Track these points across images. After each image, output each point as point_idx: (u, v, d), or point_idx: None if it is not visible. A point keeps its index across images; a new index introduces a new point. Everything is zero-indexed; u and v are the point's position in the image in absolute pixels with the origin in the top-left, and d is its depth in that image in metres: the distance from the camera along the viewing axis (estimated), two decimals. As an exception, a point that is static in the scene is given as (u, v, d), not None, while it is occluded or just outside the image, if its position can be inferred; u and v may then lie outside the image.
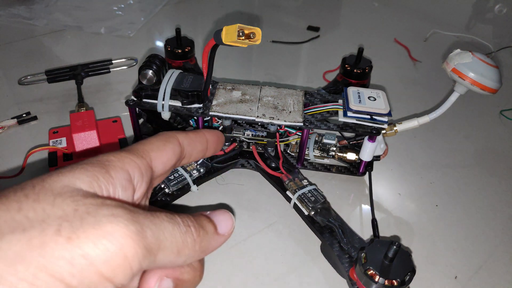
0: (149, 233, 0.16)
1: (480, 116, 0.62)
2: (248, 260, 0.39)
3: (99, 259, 0.14)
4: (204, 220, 0.19)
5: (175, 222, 0.17)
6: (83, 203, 0.15)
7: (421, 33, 0.84)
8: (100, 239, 0.14)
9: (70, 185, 0.16)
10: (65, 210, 0.15)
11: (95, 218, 0.15)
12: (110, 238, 0.14)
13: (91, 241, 0.14)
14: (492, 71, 0.40)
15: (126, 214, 0.15)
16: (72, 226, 0.14)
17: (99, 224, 0.14)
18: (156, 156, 0.21)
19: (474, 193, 0.48)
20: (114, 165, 0.18)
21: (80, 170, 0.17)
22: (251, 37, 0.34)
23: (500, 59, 0.78)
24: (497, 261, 0.41)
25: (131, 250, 0.15)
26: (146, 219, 0.16)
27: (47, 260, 0.13)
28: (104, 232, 0.14)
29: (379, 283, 0.31)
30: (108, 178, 0.17)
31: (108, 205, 0.15)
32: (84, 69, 0.60)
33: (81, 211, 0.15)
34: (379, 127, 0.43)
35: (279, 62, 0.73)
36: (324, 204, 0.41)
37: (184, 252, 0.17)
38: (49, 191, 0.15)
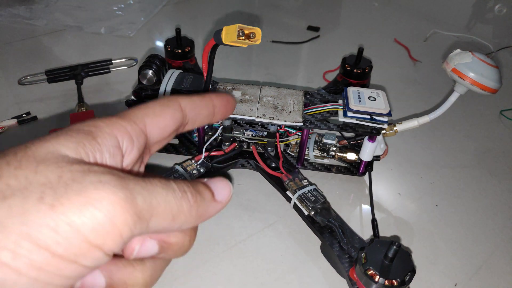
0: (140, 199, 0.15)
1: (480, 116, 0.62)
2: (248, 260, 0.39)
3: (86, 227, 0.13)
4: (201, 186, 0.18)
5: (170, 187, 0.16)
6: (68, 170, 0.14)
7: (421, 33, 0.84)
8: (86, 206, 0.13)
9: (54, 152, 0.15)
10: (49, 177, 0.14)
11: (80, 184, 0.14)
12: (97, 205, 0.14)
13: (77, 208, 0.13)
14: (492, 71, 0.40)
15: (114, 180, 0.14)
16: (56, 193, 0.13)
17: (85, 190, 0.14)
18: (151, 122, 0.20)
19: (474, 193, 0.48)
20: (101, 130, 0.17)
21: (65, 136, 0.16)
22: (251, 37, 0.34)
23: (500, 59, 0.78)
24: (497, 261, 0.41)
25: (120, 217, 0.14)
26: (136, 184, 0.15)
27: (29, 228, 0.13)
28: (91, 199, 0.14)
29: (379, 283, 0.31)
30: (94, 145, 0.16)
31: (95, 171, 0.15)
32: (84, 69, 0.60)
33: (65, 178, 0.14)
34: (379, 127, 0.43)
35: (279, 62, 0.73)
36: (324, 204, 0.41)
37: (180, 218, 0.16)
38: (31, 158, 0.15)
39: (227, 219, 0.43)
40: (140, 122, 0.19)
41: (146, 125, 0.19)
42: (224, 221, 0.43)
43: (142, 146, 0.19)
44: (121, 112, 0.19)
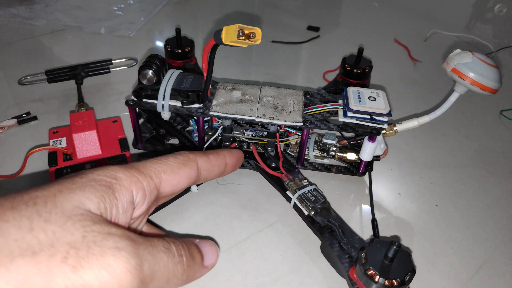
0: (146, 265, 0.17)
1: (480, 116, 0.62)
2: (248, 260, 0.39)
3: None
4: (194, 250, 0.20)
5: (170, 252, 0.18)
6: (91, 230, 0.16)
7: (421, 33, 0.84)
8: (101, 271, 0.15)
9: (80, 206, 0.16)
10: (74, 235, 0.15)
11: (100, 248, 0.15)
12: (111, 270, 0.15)
13: (93, 272, 0.15)
14: (492, 71, 0.40)
15: (129, 247, 0.16)
16: (79, 255, 0.15)
17: (103, 255, 0.15)
18: (167, 179, 0.21)
19: (474, 193, 0.48)
20: (120, 184, 0.19)
21: (90, 189, 0.17)
22: (251, 37, 0.34)
23: (500, 59, 0.78)
24: (497, 261, 0.41)
25: (128, 284, 0.16)
26: (145, 250, 0.17)
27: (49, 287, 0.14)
28: (106, 265, 0.15)
29: (379, 283, 0.31)
30: (113, 200, 0.18)
31: (113, 235, 0.16)
32: (84, 69, 0.60)
33: (88, 239, 0.15)
34: (379, 127, 0.43)
35: (279, 62, 0.73)
36: (324, 204, 0.41)
37: (173, 281, 0.18)
38: (60, 212, 0.16)
39: (227, 219, 0.43)
40: (156, 178, 0.21)
41: (161, 181, 0.21)
42: (224, 221, 0.43)
43: (152, 201, 0.21)
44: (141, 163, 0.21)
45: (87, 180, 0.18)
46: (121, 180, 0.19)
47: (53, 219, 0.15)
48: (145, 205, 0.20)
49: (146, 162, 0.21)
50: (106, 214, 0.17)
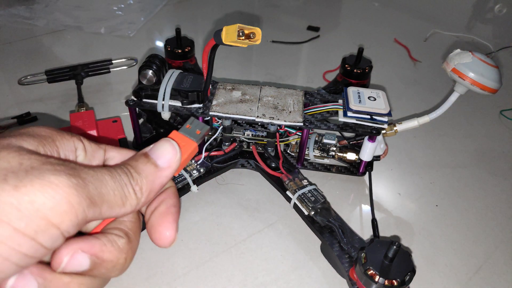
0: (91, 186, 0.16)
1: (480, 116, 0.62)
2: (248, 260, 0.39)
3: (46, 206, 0.15)
4: (142, 162, 0.19)
5: (115, 175, 0.18)
6: (28, 158, 0.16)
7: (421, 33, 0.84)
8: (45, 188, 0.15)
9: (16, 144, 0.16)
10: (11, 163, 0.15)
11: (39, 171, 0.15)
12: (55, 187, 0.15)
13: (37, 189, 0.15)
14: (492, 71, 0.40)
15: (68, 170, 0.16)
16: (18, 177, 0.15)
17: (43, 175, 0.15)
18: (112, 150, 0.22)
19: (474, 193, 0.48)
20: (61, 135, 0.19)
21: (27, 136, 0.17)
22: (251, 37, 0.34)
23: (500, 59, 0.78)
24: (497, 261, 0.41)
25: (75, 199, 0.15)
26: (87, 174, 0.17)
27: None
28: (49, 183, 0.15)
29: (379, 283, 0.31)
30: (53, 146, 0.18)
31: (51, 162, 0.16)
32: (84, 69, 0.60)
33: (26, 165, 0.15)
34: (379, 127, 0.43)
35: (279, 62, 0.73)
36: (324, 204, 0.41)
37: (130, 202, 0.18)
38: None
39: (227, 219, 0.43)
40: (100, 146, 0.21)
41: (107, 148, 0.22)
42: (224, 221, 0.43)
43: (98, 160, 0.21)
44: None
45: (26, 131, 0.18)
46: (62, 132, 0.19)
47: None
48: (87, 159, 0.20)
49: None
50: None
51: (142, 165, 0.19)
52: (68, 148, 0.19)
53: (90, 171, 0.17)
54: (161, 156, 0.20)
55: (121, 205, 0.18)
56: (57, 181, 0.15)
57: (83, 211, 0.16)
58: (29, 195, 0.14)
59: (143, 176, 0.19)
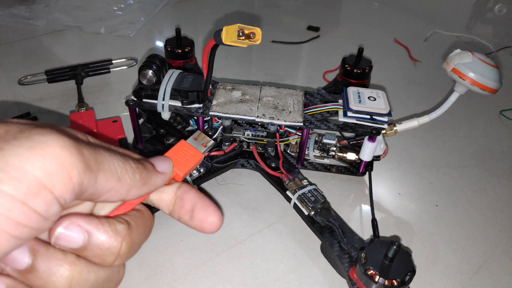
0: (86, 152, 0.15)
1: (480, 116, 0.62)
2: (248, 260, 0.39)
3: (34, 165, 0.13)
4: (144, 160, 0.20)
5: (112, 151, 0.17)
6: (16, 126, 0.15)
7: (421, 33, 0.84)
8: (34, 148, 0.14)
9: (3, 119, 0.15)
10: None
11: (28, 133, 0.14)
12: (45, 147, 0.14)
13: (25, 149, 0.13)
14: (492, 71, 0.40)
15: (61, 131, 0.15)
16: (5, 140, 0.14)
17: (32, 137, 0.14)
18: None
19: (474, 193, 0.48)
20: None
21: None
22: (251, 37, 0.34)
23: (500, 59, 0.78)
24: (497, 261, 0.41)
25: (69, 160, 0.14)
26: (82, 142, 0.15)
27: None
28: (39, 143, 0.14)
29: (379, 283, 0.31)
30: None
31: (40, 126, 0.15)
32: (84, 69, 0.60)
33: (13, 131, 0.14)
34: (379, 127, 0.43)
35: (279, 62, 0.73)
36: (324, 204, 0.41)
37: (126, 180, 0.17)
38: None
39: (227, 219, 0.43)
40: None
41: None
42: (224, 221, 0.43)
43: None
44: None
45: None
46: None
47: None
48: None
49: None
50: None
51: (144, 161, 0.20)
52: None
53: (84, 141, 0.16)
54: (160, 163, 0.21)
55: (117, 179, 0.17)
56: (48, 141, 0.14)
57: (78, 174, 0.14)
58: (16, 157, 0.13)
59: (142, 166, 0.19)
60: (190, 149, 0.23)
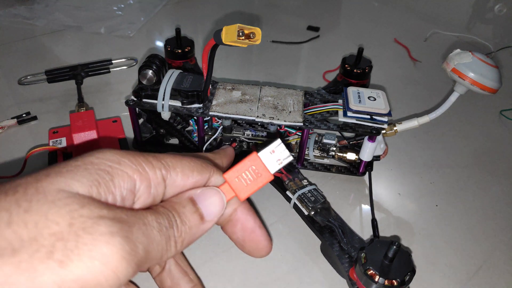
0: (141, 248, 0.15)
1: (480, 116, 0.62)
2: (248, 260, 0.39)
3: (90, 282, 0.13)
4: (189, 211, 0.18)
5: (162, 227, 0.16)
6: (79, 215, 0.14)
7: (421, 33, 0.84)
8: (94, 262, 0.13)
9: (65, 189, 0.15)
10: (60, 225, 0.13)
11: (91, 236, 0.14)
12: (105, 260, 0.14)
13: (85, 264, 0.13)
14: (492, 71, 0.40)
15: (122, 231, 0.14)
16: (66, 248, 0.13)
17: (95, 244, 0.14)
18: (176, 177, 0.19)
19: (474, 193, 0.48)
20: (122, 170, 0.16)
21: (82, 172, 0.15)
22: (251, 37, 0.34)
23: (500, 59, 0.78)
24: (497, 261, 0.41)
25: (124, 271, 0.14)
26: (139, 232, 0.15)
27: (36, 286, 0.13)
28: (99, 254, 0.14)
29: (379, 283, 0.31)
30: (109, 187, 0.16)
31: (104, 218, 0.14)
32: (84, 69, 0.60)
33: (76, 227, 0.14)
34: (379, 127, 0.43)
35: (279, 62, 0.73)
36: (324, 204, 0.41)
37: (167, 255, 0.17)
38: (42, 198, 0.14)
39: (227, 219, 0.43)
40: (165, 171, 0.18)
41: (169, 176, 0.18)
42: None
43: (159, 196, 0.18)
44: (149, 154, 0.18)
45: (82, 163, 0.16)
46: (124, 166, 0.16)
47: (34, 208, 0.14)
48: (150, 199, 0.18)
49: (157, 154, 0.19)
50: (99, 198, 0.16)
51: (189, 215, 0.18)
52: (127, 186, 0.17)
53: (141, 226, 0.15)
54: (209, 207, 0.18)
55: (159, 258, 0.17)
56: (109, 253, 0.14)
57: (127, 279, 0.15)
58: (75, 272, 0.13)
59: (187, 227, 0.18)
60: (259, 167, 0.19)
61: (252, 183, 0.19)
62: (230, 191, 0.19)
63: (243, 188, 0.19)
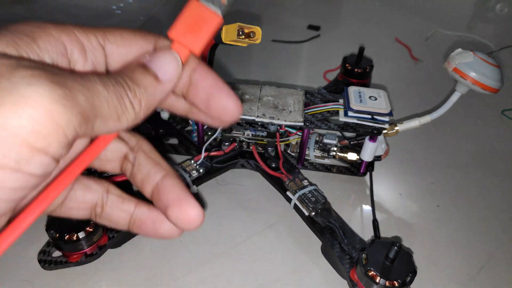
0: (82, 98, 0.13)
1: (482, 116, 0.62)
2: (248, 261, 0.39)
3: (24, 129, 0.12)
4: (140, 73, 0.16)
5: (109, 84, 0.15)
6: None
7: (422, 32, 0.84)
8: (21, 107, 0.12)
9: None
10: None
11: (10, 80, 0.12)
12: (34, 103, 0.12)
13: (10, 109, 0.12)
14: (494, 70, 0.40)
15: (50, 76, 0.13)
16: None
17: (16, 88, 0.12)
18: (114, 42, 0.18)
19: (475, 193, 0.48)
20: (46, 33, 0.15)
21: (2, 36, 0.14)
22: (251, 36, 0.34)
23: (501, 58, 0.77)
24: (498, 261, 0.40)
25: (63, 117, 0.12)
26: (75, 82, 0.13)
27: None
28: (25, 98, 0.12)
29: (380, 284, 0.31)
30: (32, 47, 0.14)
31: (25, 66, 0.13)
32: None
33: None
34: (380, 127, 0.42)
35: (280, 62, 0.72)
36: (325, 205, 0.40)
37: (126, 116, 0.15)
38: None
39: (227, 219, 0.43)
40: (99, 36, 0.17)
41: (106, 42, 0.17)
42: (224, 222, 0.42)
43: (100, 65, 0.17)
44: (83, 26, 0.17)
45: (3, 29, 0.14)
46: (46, 28, 0.15)
47: None
48: (89, 65, 0.17)
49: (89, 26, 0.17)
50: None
51: (141, 76, 0.16)
52: (56, 49, 0.15)
53: (78, 77, 0.14)
54: (162, 67, 0.17)
55: (116, 119, 0.15)
56: (36, 95, 0.12)
57: (73, 129, 0.13)
58: (1, 118, 0.12)
59: (142, 87, 0.16)
60: (204, 11, 0.18)
61: (202, 33, 0.18)
62: (182, 49, 0.18)
63: (194, 41, 0.18)
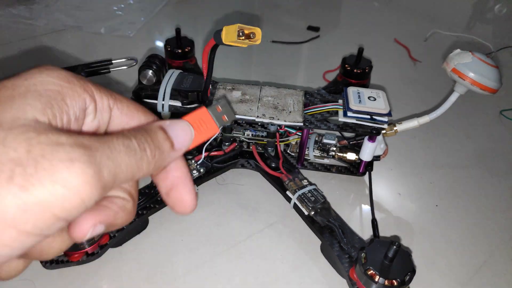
0: (106, 171, 0.15)
1: (480, 116, 0.62)
2: (248, 260, 0.39)
3: (54, 205, 0.14)
4: (161, 137, 0.18)
5: (131, 149, 0.16)
6: (37, 142, 0.14)
7: (421, 33, 0.84)
8: (55, 186, 0.13)
9: (21, 116, 0.15)
10: (17, 151, 0.13)
11: (50, 162, 0.14)
12: (67, 184, 0.14)
13: (46, 188, 0.13)
14: (492, 71, 0.40)
15: (83, 156, 0.14)
16: (26, 173, 0.13)
17: (54, 170, 0.14)
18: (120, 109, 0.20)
19: (474, 193, 0.48)
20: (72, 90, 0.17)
21: (34, 94, 0.15)
22: (251, 37, 0.34)
23: (500, 59, 0.78)
24: (497, 261, 0.41)
25: (88, 194, 0.14)
26: (103, 156, 0.15)
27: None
28: (60, 179, 0.14)
29: (379, 283, 0.31)
30: (63, 106, 0.16)
31: (63, 145, 0.14)
32: (84, 69, 0.60)
33: (35, 154, 0.14)
34: (379, 127, 0.43)
35: (279, 62, 0.73)
36: (324, 204, 0.41)
37: (138, 175, 0.17)
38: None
39: (227, 219, 0.43)
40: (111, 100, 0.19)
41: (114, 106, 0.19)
42: (224, 221, 0.43)
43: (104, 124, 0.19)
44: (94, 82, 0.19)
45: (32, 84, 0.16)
46: (74, 85, 0.17)
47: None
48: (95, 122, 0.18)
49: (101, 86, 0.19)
50: (55, 121, 0.16)
51: (162, 139, 0.18)
52: (78, 106, 0.17)
53: (106, 150, 0.15)
54: (179, 137, 0.19)
55: (130, 178, 0.17)
56: (70, 177, 0.14)
57: (93, 201, 0.15)
58: (37, 196, 0.13)
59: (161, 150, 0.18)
60: (208, 121, 0.21)
61: (201, 134, 0.20)
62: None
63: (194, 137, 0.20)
